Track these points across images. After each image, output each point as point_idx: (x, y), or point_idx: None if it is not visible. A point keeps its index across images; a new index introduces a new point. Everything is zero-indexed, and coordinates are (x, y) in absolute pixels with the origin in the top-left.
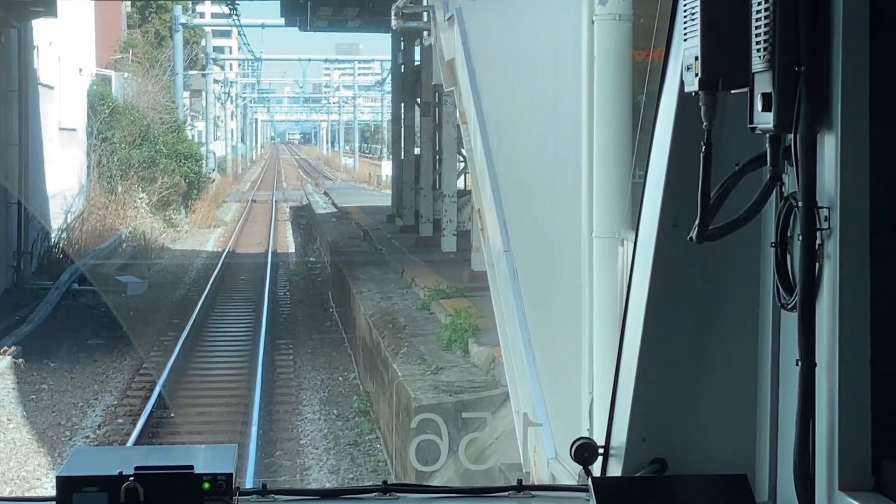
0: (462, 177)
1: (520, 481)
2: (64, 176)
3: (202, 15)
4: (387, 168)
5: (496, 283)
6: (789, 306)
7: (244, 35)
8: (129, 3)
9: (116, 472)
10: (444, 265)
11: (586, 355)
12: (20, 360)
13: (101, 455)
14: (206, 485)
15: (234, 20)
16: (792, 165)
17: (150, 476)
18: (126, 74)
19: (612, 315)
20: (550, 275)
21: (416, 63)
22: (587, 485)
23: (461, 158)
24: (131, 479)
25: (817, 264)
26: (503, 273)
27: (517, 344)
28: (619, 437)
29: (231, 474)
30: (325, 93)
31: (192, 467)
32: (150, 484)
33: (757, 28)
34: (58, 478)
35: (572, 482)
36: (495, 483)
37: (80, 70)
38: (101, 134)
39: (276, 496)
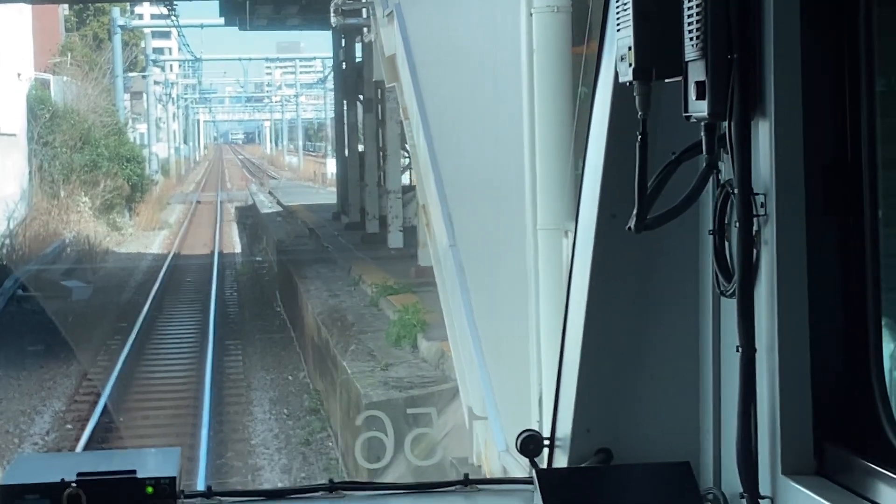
0: (407, 173)
1: (466, 475)
2: (5, 182)
3: (140, 16)
4: (331, 166)
5: (443, 277)
6: (728, 293)
7: (184, 36)
8: (66, 6)
9: (59, 479)
10: (390, 261)
11: (534, 347)
12: None
13: (45, 461)
14: (150, 489)
15: (172, 21)
16: (727, 153)
17: (93, 482)
18: (65, 78)
19: (558, 307)
20: (496, 268)
21: (358, 60)
22: (533, 477)
23: (405, 154)
24: (73, 485)
25: (755, 251)
26: (450, 268)
27: (465, 338)
28: (564, 428)
29: (174, 478)
30: (268, 92)
31: (134, 472)
32: (93, 490)
33: (689, 17)
34: None
35: (524, 475)
36: (447, 478)
37: (19, 75)
38: (41, 138)
39: (222, 498)
